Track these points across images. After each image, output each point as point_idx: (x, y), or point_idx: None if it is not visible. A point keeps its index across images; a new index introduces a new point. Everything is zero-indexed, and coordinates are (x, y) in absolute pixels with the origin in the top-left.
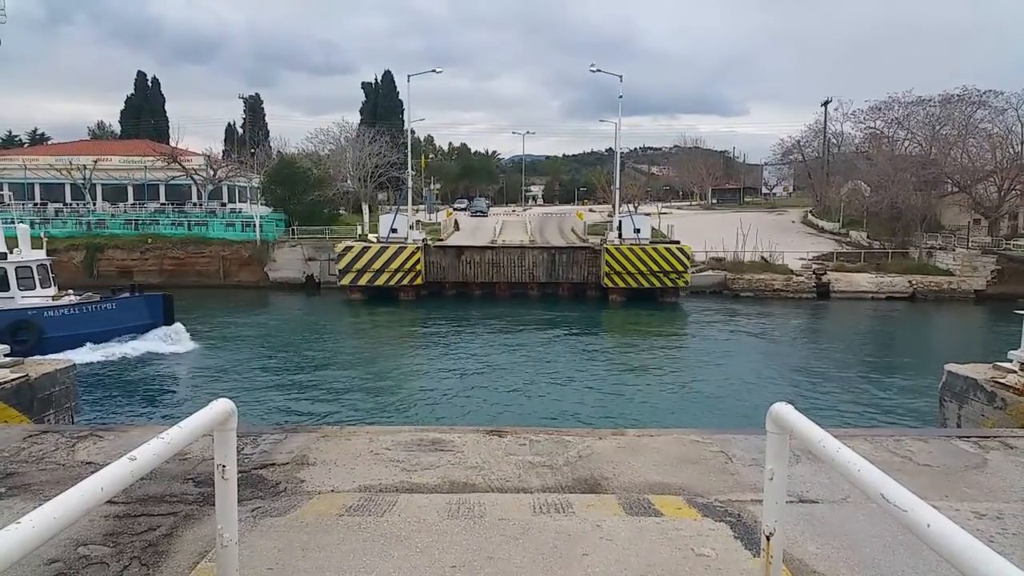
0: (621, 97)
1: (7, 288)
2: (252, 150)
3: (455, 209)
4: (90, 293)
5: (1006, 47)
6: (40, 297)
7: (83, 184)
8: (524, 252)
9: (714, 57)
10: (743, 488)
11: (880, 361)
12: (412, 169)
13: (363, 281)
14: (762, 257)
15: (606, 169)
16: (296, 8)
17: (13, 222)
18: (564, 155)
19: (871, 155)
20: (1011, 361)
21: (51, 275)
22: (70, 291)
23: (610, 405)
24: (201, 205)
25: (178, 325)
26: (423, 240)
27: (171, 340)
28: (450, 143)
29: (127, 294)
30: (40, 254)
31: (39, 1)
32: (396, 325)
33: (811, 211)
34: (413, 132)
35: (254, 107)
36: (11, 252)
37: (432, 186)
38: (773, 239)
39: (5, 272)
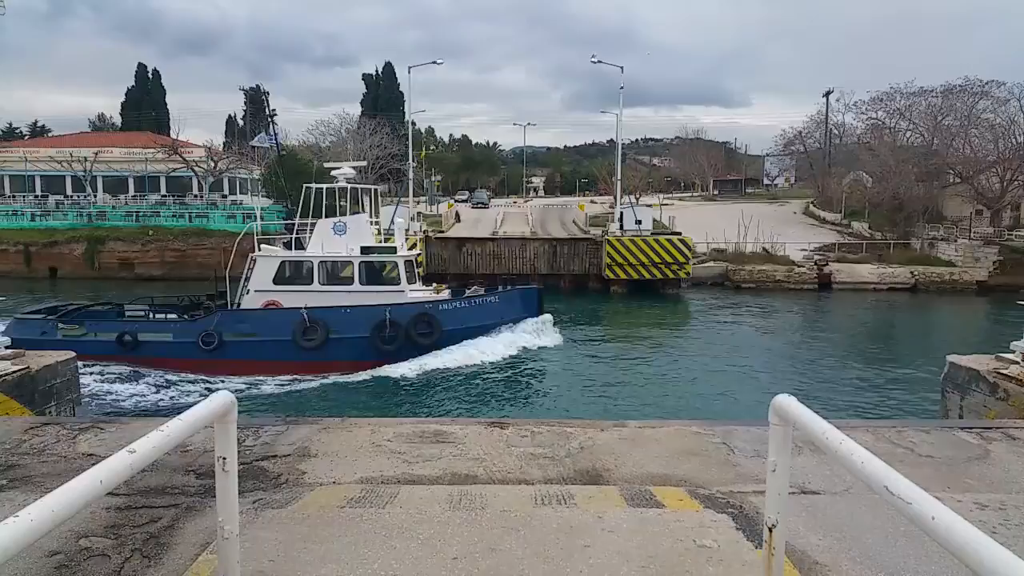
0: (622, 88)
1: (398, 282)
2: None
3: (456, 201)
4: (476, 287)
5: (1009, 37)
6: (421, 291)
7: (84, 176)
8: (525, 244)
9: (716, 48)
10: (745, 480)
11: (882, 352)
12: (413, 161)
13: None
14: (764, 248)
15: (607, 160)
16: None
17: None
18: (565, 146)
19: (873, 146)
20: (1014, 352)
21: (416, 270)
22: (444, 285)
23: (611, 396)
24: (202, 197)
25: (547, 316)
26: (424, 232)
27: (541, 332)
28: (451, 135)
29: (502, 287)
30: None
31: None
32: None
33: (813, 202)
34: (414, 124)
35: (255, 99)
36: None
37: (433, 178)
38: (775, 230)
39: (396, 266)
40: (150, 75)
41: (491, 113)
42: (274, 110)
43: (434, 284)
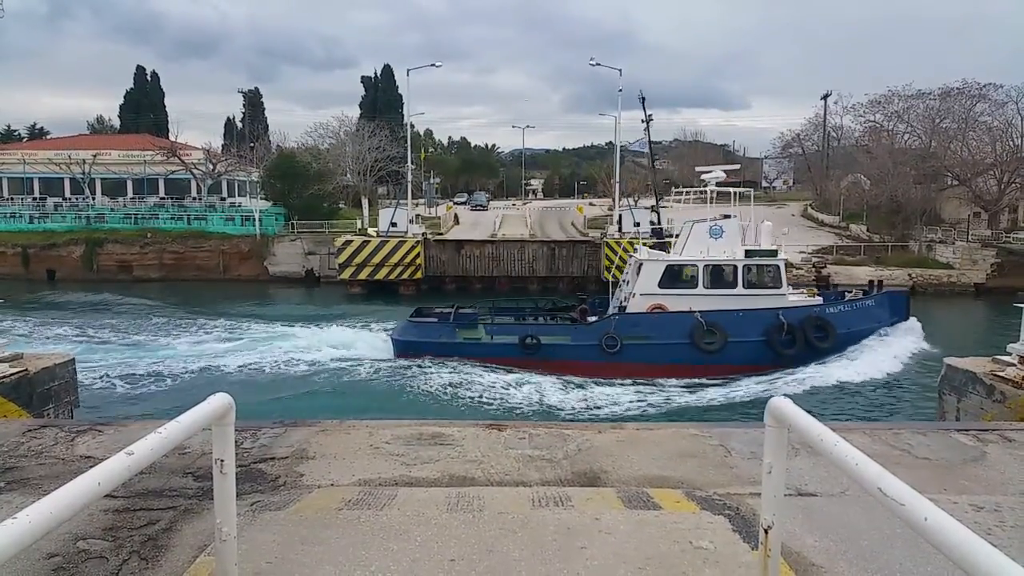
0: (621, 91)
1: (779, 285)
2: (251, 144)
3: (455, 203)
4: (854, 291)
5: (1007, 40)
6: (797, 294)
7: (82, 178)
8: (524, 246)
9: (714, 51)
10: (742, 481)
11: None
12: (412, 163)
13: (363, 275)
14: None
15: (606, 163)
16: (297, 3)
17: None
18: (564, 149)
19: (871, 148)
20: (1010, 354)
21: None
22: (815, 289)
23: (609, 398)
24: (200, 199)
25: (913, 320)
26: (423, 234)
27: (912, 336)
28: (450, 137)
29: (871, 291)
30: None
31: None
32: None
33: (811, 204)
34: (413, 126)
35: (254, 101)
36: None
37: (432, 180)
38: (773, 232)
39: (778, 269)
40: (148, 77)
41: (490, 115)
42: None
43: (804, 289)
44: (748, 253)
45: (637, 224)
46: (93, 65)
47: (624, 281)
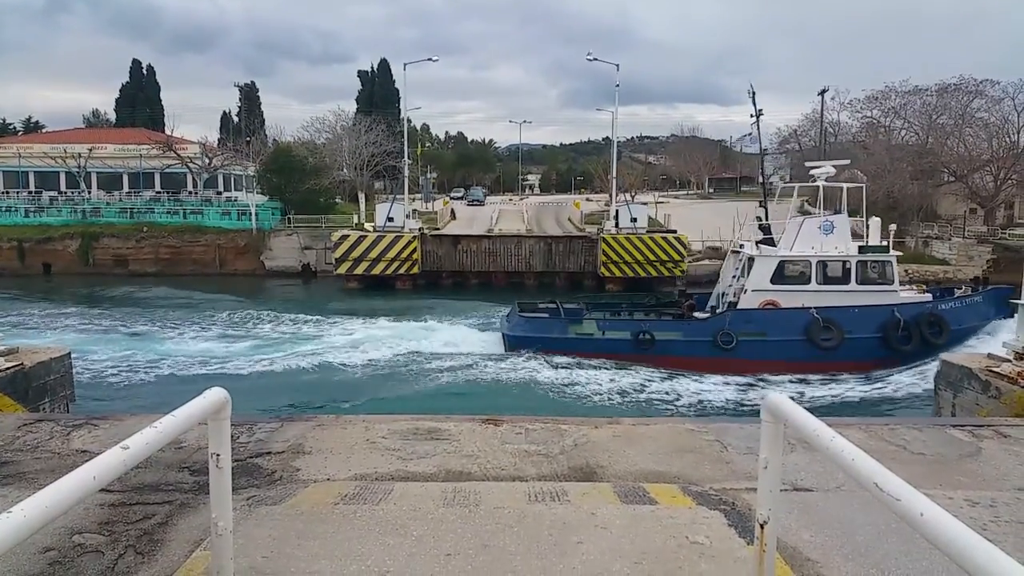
0: (618, 86)
1: (891, 282)
2: (248, 138)
3: (452, 198)
4: (963, 287)
5: (1004, 37)
6: (907, 291)
7: (78, 172)
8: (521, 241)
9: (712, 46)
10: (738, 476)
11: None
12: (408, 158)
13: (359, 270)
14: None
15: (603, 158)
16: None
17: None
18: (561, 144)
19: (868, 144)
20: (1005, 350)
21: None
22: (923, 285)
23: (606, 394)
24: (197, 193)
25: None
26: (419, 229)
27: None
28: (447, 132)
29: (979, 287)
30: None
31: None
32: (393, 313)
33: (807, 200)
34: (409, 121)
35: (250, 95)
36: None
37: (429, 175)
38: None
39: (890, 265)
40: (144, 71)
41: (487, 110)
42: None
43: (912, 285)
44: (861, 249)
45: (634, 219)
46: (89, 59)
47: (736, 276)
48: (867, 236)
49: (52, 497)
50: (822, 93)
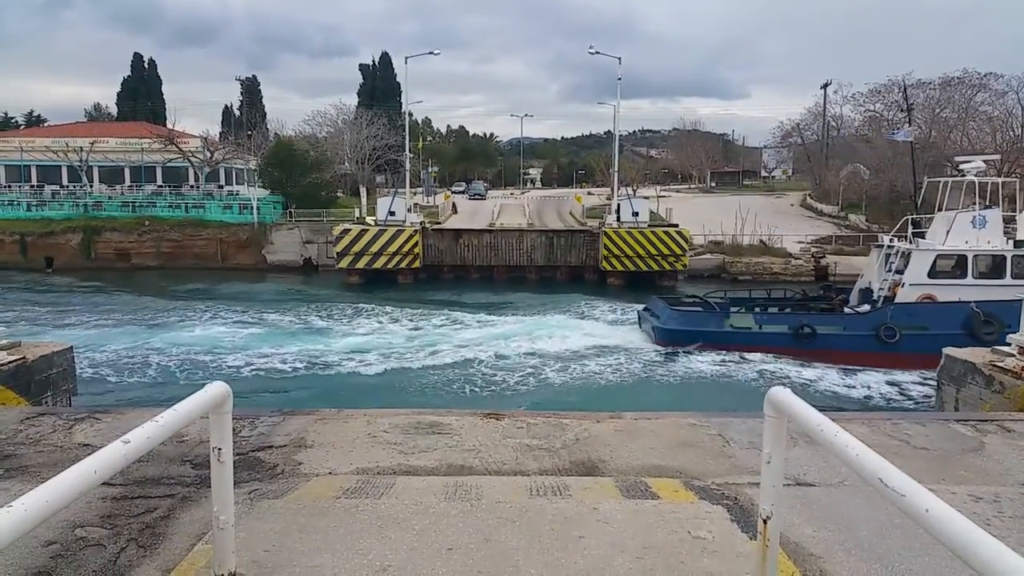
0: (620, 80)
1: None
2: (249, 132)
3: (453, 192)
4: None
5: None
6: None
7: (80, 166)
8: (522, 235)
9: (714, 40)
10: (740, 471)
11: None
12: (410, 152)
13: (361, 264)
14: (760, 240)
15: (605, 152)
16: None
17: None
18: (563, 138)
19: (870, 138)
20: (1009, 344)
21: None
22: None
23: (607, 388)
24: (198, 187)
25: None
26: (421, 223)
27: None
28: (448, 126)
29: None
30: None
31: None
32: (394, 307)
33: (810, 194)
34: (411, 115)
35: (251, 89)
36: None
37: (430, 169)
38: (772, 222)
39: (1006, 259)
40: (146, 65)
41: (488, 104)
42: None
43: None
44: (1016, 244)
45: (636, 213)
46: (91, 53)
47: (890, 269)
48: (1020, 231)
49: (53, 491)
50: (824, 87)
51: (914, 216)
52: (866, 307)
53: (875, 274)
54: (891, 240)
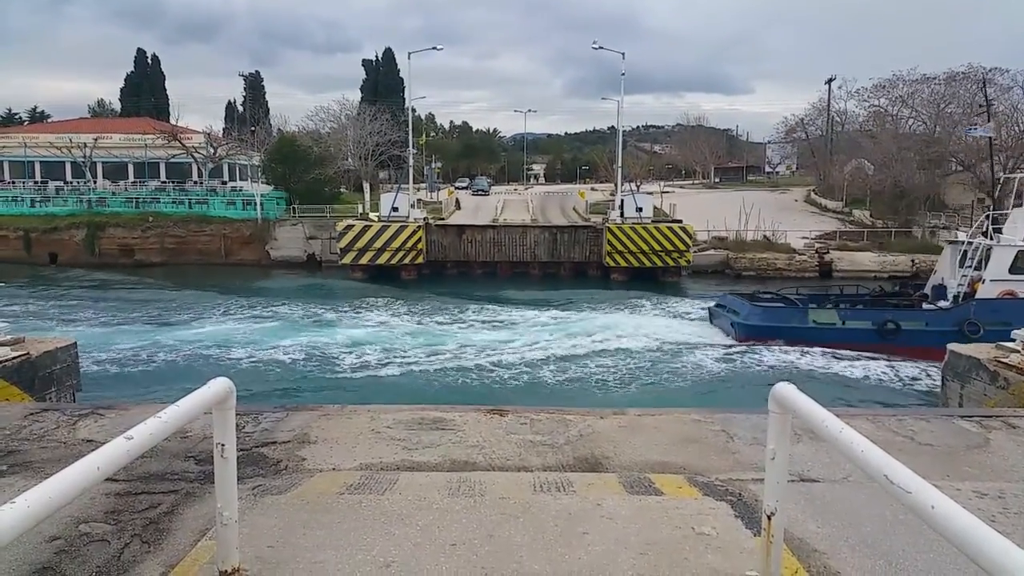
0: (623, 75)
1: None
2: (252, 128)
3: (456, 188)
4: None
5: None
6: None
7: (83, 162)
8: (526, 231)
9: (717, 34)
10: (744, 467)
11: None
12: (413, 147)
13: (364, 260)
14: (764, 236)
15: (608, 147)
16: None
17: None
18: (566, 133)
19: (875, 133)
20: (1014, 341)
21: None
22: None
23: (611, 384)
24: (202, 183)
25: None
26: (424, 219)
27: None
28: (451, 121)
29: None
30: None
31: None
32: (397, 303)
33: (814, 190)
34: (414, 110)
35: (254, 85)
36: None
37: (433, 165)
38: (776, 218)
39: None
40: (149, 61)
41: (491, 100)
42: None
43: None
44: None
45: (639, 209)
46: (94, 49)
47: (970, 264)
48: None
49: (56, 487)
50: (829, 82)
51: (992, 212)
52: (946, 303)
53: (948, 271)
54: (968, 237)
